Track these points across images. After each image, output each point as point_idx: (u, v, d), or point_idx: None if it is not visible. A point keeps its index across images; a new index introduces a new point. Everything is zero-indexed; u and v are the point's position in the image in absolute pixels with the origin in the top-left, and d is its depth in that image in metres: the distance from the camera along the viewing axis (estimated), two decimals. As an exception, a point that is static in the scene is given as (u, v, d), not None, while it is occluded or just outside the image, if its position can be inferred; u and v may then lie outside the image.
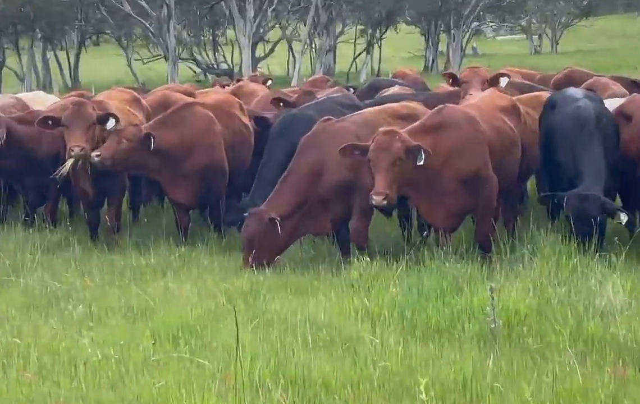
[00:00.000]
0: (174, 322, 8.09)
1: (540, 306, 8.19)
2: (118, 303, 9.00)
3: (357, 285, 9.12)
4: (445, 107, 10.44)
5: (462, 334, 7.74)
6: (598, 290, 8.48)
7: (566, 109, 11.24)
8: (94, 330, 8.02)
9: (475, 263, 9.52)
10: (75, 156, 11.38)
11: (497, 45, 70.94)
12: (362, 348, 7.37)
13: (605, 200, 10.22)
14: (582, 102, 11.22)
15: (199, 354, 7.28)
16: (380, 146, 9.65)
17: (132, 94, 13.93)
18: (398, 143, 9.64)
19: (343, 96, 13.17)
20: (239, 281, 9.64)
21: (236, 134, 12.57)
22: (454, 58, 53.24)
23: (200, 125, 12.00)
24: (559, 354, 7.25)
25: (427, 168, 9.74)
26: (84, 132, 11.45)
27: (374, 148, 9.68)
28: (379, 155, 9.64)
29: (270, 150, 11.57)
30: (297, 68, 43.38)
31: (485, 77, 12.74)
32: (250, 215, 10.38)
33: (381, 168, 9.60)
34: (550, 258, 9.33)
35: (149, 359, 7.24)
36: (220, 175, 12.08)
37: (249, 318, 8.17)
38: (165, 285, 9.64)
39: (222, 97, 13.72)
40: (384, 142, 9.67)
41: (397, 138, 9.68)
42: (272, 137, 11.77)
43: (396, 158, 9.60)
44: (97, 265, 10.68)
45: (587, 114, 10.90)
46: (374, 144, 9.70)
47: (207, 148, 11.93)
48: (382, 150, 9.63)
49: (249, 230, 10.32)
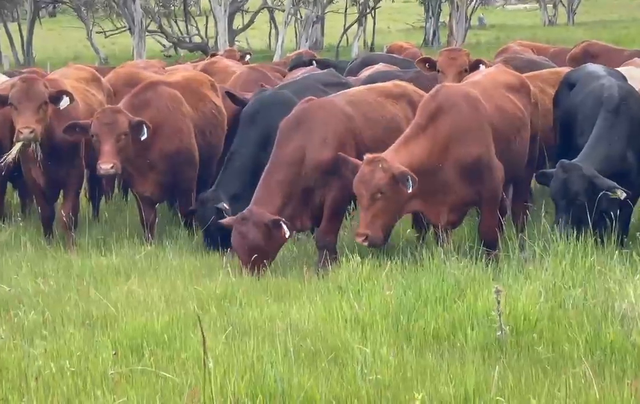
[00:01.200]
0: (138, 331, 8.08)
1: (553, 311, 8.22)
2: (75, 309, 8.98)
3: (346, 288, 9.12)
4: (442, 87, 10.46)
5: (464, 343, 7.76)
6: (618, 292, 8.50)
7: (585, 89, 11.27)
8: (48, 339, 8.02)
9: (479, 262, 9.54)
10: (25, 139, 11.33)
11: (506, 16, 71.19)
12: (351, 359, 7.37)
13: (595, 174, 10.22)
14: (606, 80, 11.24)
15: (165, 368, 7.27)
16: (362, 179, 9.77)
17: (91, 72, 13.91)
18: (380, 173, 9.71)
19: (326, 73, 13.16)
20: (212, 284, 9.65)
21: (207, 117, 12.56)
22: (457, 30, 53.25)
23: (166, 107, 11.96)
24: (573, 365, 7.27)
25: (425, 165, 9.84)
26: (34, 112, 11.42)
27: (357, 181, 9.77)
28: (361, 191, 9.76)
29: (241, 136, 11.55)
30: (280, 41, 43.40)
31: (463, 65, 12.71)
32: (244, 219, 10.27)
33: (363, 204, 9.79)
34: (563, 256, 9.35)
35: (109, 372, 7.22)
36: (189, 163, 12.06)
37: (222, 326, 8.18)
38: (128, 289, 9.64)
39: (191, 75, 13.68)
40: (366, 174, 9.77)
41: (380, 167, 9.74)
42: (243, 121, 11.70)
43: (378, 191, 9.70)
44: (52, 266, 10.68)
45: (609, 94, 10.92)
46: (358, 176, 9.79)
47: (174, 133, 11.91)
48: (364, 183, 9.75)
49: (250, 237, 10.21)
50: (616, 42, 22.60)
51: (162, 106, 11.95)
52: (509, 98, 10.91)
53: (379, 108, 10.96)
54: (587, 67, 12.25)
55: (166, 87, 12.34)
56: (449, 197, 10.10)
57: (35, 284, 9.88)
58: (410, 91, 11.40)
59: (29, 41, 50.02)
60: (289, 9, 46.03)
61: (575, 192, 10.16)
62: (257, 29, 54.86)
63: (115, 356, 7.58)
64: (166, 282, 9.93)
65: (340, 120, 10.55)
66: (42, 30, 55.12)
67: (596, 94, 11.08)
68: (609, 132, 10.65)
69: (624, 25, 56.02)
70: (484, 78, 11.22)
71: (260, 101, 11.82)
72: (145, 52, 41.62)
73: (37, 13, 53.26)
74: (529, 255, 9.75)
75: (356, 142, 10.58)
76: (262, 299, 9.15)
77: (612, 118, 10.72)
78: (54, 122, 11.66)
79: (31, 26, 50.62)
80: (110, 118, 11.30)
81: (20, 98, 11.47)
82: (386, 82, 11.95)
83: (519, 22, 66.01)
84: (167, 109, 11.99)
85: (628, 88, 11.29)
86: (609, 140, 10.62)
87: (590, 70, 11.99)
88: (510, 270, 9.46)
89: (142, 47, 41.46)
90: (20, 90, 11.52)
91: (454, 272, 9.07)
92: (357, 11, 52.64)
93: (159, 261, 10.78)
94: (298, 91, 11.77)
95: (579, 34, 43.89)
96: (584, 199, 10.08)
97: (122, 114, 11.36)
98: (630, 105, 10.97)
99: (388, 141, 10.53)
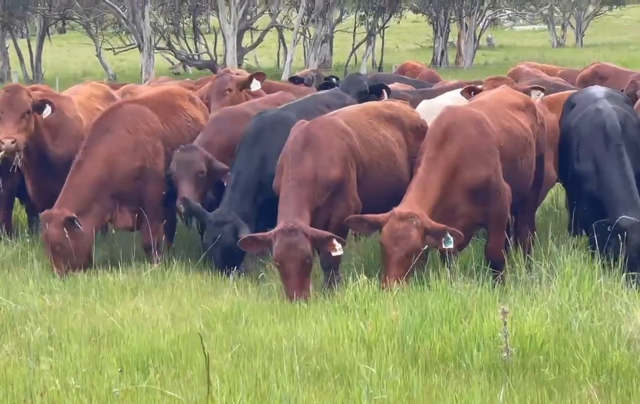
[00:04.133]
0: (144, 348, 8.10)
1: (559, 333, 8.21)
2: (81, 326, 8.99)
3: (352, 308, 9.12)
4: (447, 111, 10.48)
5: (470, 364, 7.75)
6: (624, 315, 8.50)
7: (584, 111, 11.30)
8: (54, 356, 8.04)
9: (485, 283, 9.52)
10: (7, 149, 11.29)
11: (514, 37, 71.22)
12: (357, 379, 7.38)
13: None
14: (602, 104, 11.26)
15: (170, 386, 7.28)
16: (396, 236, 9.75)
17: (105, 89, 13.87)
18: (415, 233, 9.72)
19: (331, 94, 13.13)
20: (217, 302, 9.65)
21: (181, 130, 12.39)
22: (466, 50, 53.40)
23: (125, 130, 11.74)
24: (579, 388, 7.28)
25: None
26: (16, 122, 11.40)
27: (389, 238, 9.75)
28: (393, 249, 9.76)
29: (244, 156, 11.51)
30: (288, 60, 43.44)
31: None
32: (292, 231, 9.99)
33: (393, 260, 9.76)
34: (570, 278, 9.35)
35: (114, 390, 7.22)
36: (154, 181, 11.82)
37: (228, 344, 8.18)
38: (135, 306, 9.64)
39: (167, 89, 13.44)
40: (399, 231, 9.75)
41: (414, 224, 9.74)
42: (245, 141, 11.66)
43: (415, 251, 9.73)
44: (58, 282, 10.67)
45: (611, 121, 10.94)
46: (388, 232, 9.77)
47: (134, 153, 11.72)
48: (398, 241, 9.74)
49: (301, 247, 9.96)
50: (625, 65, 22.57)
51: (120, 130, 11.71)
52: (515, 118, 10.92)
53: (371, 130, 10.95)
54: (588, 90, 12.28)
55: (130, 106, 12.09)
56: (458, 219, 10.10)
57: (42, 300, 9.89)
58: (402, 113, 11.38)
59: (38, 57, 50.12)
60: (298, 28, 46.13)
61: None
62: (265, 47, 54.99)
63: (120, 373, 7.60)
64: (172, 300, 9.93)
65: (342, 138, 10.56)
66: (52, 47, 55.32)
67: (593, 120, 11.11)
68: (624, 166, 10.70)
69: (633, 47, 56.04)
70: (489, 99, 11.23)
71: (263, 121, 11.77)
72: (154, 69, 41.69)
73: (46, 29, 53.42)
74: (536, 276, 9.74)
75: (356, 161, 10.58)
76: (268, 318, 9.14)
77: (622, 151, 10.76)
78: (49, 136, 11.66)
79: (40, 42, 50.74)
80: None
81: (3, 107, 11.43)
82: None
83: (527, 43, 66.07)
84: (127, 132, 11.73)
85: (626, 111, 11.33)
86: (628, 175, 10.66)
87: (589, 92, 12.02)
88: (516, 291, 9.48)
89: (150, 65, 41.54)
90: (3, 99, 11.47)
91: (460, 293, 9.06)
92: (366, 30, 52.70)
93: (165, 279, 10.77)
94: (300, 112, 11.75)
95: (587, 56, 43.91)
96: None
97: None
98: (629, 131, 11.02)
99: (381, 162, 10.56)
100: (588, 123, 11.16)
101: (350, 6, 53.98)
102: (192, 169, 11.55)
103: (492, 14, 61.78)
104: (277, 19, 48.77)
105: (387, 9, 52.06)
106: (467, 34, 54.00)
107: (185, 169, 11.53)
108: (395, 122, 11.18)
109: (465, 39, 53.98)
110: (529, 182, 11.12)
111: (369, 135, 10.86)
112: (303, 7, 45.67)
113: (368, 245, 11.85)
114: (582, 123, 11.22)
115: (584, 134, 11.11)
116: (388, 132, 11.05)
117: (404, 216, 9.76)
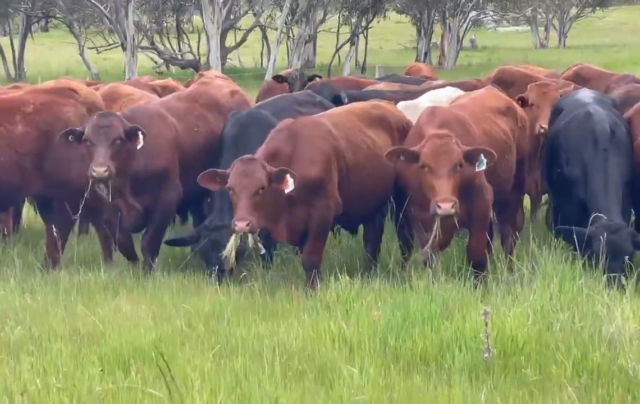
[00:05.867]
0: (126, 348, 8.06)
1: (541, 334, 8.23)
2: (62, 325, 8.95)
3: (334, 308, 9.12)
4: (433, 109, 10.50)
5: (452, 364, 7.75)
6: (605, 315, 8.52)
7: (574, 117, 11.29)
8: (35, 355, 7.99)
9: (467, 284, 9.54)
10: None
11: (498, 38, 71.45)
12: (338, 379, 7.37)
13: (635, 233, 10.37)
14: (593, 109, 11.25)
15: (152, 385, 7.25)
16: (439, 152, 9.75)
17: None
18: (456, 147, 9.78)
19: (304, 94, 13.11)
20: (200, 301, 9.63)
21: None
22: (449, 51, 53.55)
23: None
24: (560, 389, 7.29)
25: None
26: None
27: (434, 152, 9.76)
28: (441, 162, 9.73)
29: (228, 157, 11.42)
30: (271, 60, 43.49)
31: (556, 98, 12.59)
32: (248, 161, 9.91)
33: (442, 173, 9.71)
34: (552, 279, 9.35)
35: (96, 389, 7.20)
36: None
37: (210, 344, 8.16)
38: (116, 305, 9.61)
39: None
40: (443, 146, 9.77)
41: (453, 142, 9.80)
42: (227, 142, 11.59)
43: (459, 163, 9.75)
44: (40, 282, 10.62)
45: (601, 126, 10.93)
46: (430, 149, 9.77)
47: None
48: (446, 154, 9.74)
49: (256, 176, 9.79)
50: (607, 66, 22.64)
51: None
52: (496, 122, 10.96)
53: (358, 131, 10.92)
54: (576, 94, 12.27)
55: None
56: None
57: (23, 300, 9.84)
58: (389, 113, 11.37)
59: (21, 55, 50.03)
60: (282, 28, 46.14)
61: (630, 252, 10.20)
62: (249, 47, 54.94)
63: (102, 372, 7.57)
64: (154, 299, 9.91)
65: (327, 139, 10.53)
66: (34, 45, 55.12)
67: (584, 125, 11.10)
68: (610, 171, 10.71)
69: (616, 49, 56.27)
70: (471, 102, 11.25)
71: (239, 121, 11.69)
72: (137, 68, 41.63)
73: (29, 27, 53.28)
74: (517, 277, 9.75)
75: (340, 163, 10.54)
76: (250, 317, 9.13)
77: (607, 155, 10.77)
78: None
79: (23, 40, 50.64)
80: None
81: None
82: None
83: (510, 45, 66.26)
84: None
85: (615, 117, 11.33)
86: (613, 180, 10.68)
87: (577, 97, 12.01)
88: (498, 291, 9.47)
89: (133, 64, 41.50)
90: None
91: (442, 293, 9.06)
92: (350, 31, 52.76)
93: (147, 278, 10.76)
94: (275, 111, 11.73)
95: (570, 57, 44.03)
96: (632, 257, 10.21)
97: None
98: (619, 136, 11.02)
99: (368, 164, 10.56)
100: (577, 127, 11.14)
101: (333, 6, 54.04)
102: (110, 135, 10.87)
103: (475, 15, 61.93)
104: (260, 19, 48.83)
105: (371, 10, 52.15)
106: (450, 35, 54.17)
107: (101, 135, 10.86)
108: (382, 123, 11.16)
109: (448, 40, 54.14)
110: (509, 185, 11.16)
111: (356, 137, 10.82)
112: (287, 7, 45.70)
113: (352, 245, 11.87)
114: (571, 127, 11.19)
115: (573, 138, 11.08)
116: (375, 133, 11.03)
117: (441, 136, 9.84)
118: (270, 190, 9.85)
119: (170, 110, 11.81)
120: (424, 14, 55.50)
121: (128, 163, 10.94)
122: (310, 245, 10.42)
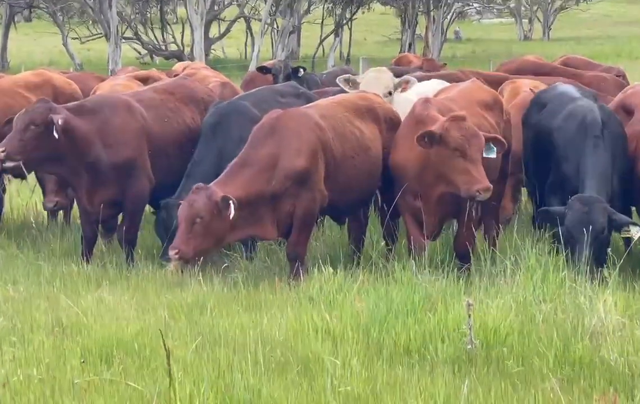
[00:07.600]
0: (108, 339, 8.04)
1: (523, 326, 8.25)
2: (45, 316, 8.91)
3: (317, 299, 9.13)
4: (427, 99, 10.53)
5: (435, 356, 7.77)
6: (588, 307, 8.54)
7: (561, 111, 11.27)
8: (16, 346, 7.97)
9: (450, 275, 9.55)
10: None
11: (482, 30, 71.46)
12: (321, 371, 7.38)
13: (612, 210, 10.25)
14: (583, 102, 11.24)
15: (134, 377, 7.24)
16: (467, 134, 9.87)
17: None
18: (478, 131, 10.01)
19: (287, 85, 13.12)
20: (183, 293, 9.62)
21: None
22: (433, 43, 53.48)
23: None
24: (542, 380, 7.31)
25: None
26: None
27: (460, 137, 9.85)
28: (473, 144, 9.85)
29: (202, 146, 11.42)
30: (255, 51, 43.36)
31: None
32: (197, 190, 9.97)
33: (477, 157, 9.90)
34: (535, 271, 9.39)
35: (77, 381, 7.18)
36: None
37: (193, 335, 8.15)
38: (99, 296, 9.59)
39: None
40: (469, 128, 9.91)
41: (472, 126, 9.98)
42: (204, 131, 11.58)
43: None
44: (22, 272, 10.59)
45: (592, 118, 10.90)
46: (458, 132, 9.90)
47: None
48: (474, 138, 9.86)
49: (195, 206, 9.88)
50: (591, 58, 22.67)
51: None
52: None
53: (346, 123, 10.88)
54: (558, 88, 12.26)
55: None
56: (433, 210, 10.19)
57: (5, 291, 9.81)
58: (377, 105, 11.34)
59: (4, 46, 49.76)
60: (266, 19, 46.06)
61: (601, 226, 10.09)
62: (233, 38, 54.83)
63: (83, 364, 7.55)
64: (137, 290, 9.89)
65: (314, 131, 10.51)
66: (18, 35, 54.88)
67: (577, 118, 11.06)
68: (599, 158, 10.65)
69: (599, 42, 56.40)
70: (458, 95, 11.26)
71: (220, 112, 11.69)
72: (121, 59, 41.49)
73: (12, 17, 53.02)
74: (500, 269, 9.77)
75: (327, 155, 10.52)
76: (233, 309, 9.12)
77: (599, 143, 10.73)
78: None
79: (6, 31, 50.36)
80: None
81: None
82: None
83: (495, 37, 66.27)
84: None
85: (607, 110, 11.32)
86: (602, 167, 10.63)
87: (562, 90, 12.01)
88: (481, 283, 9.50)
89: (117, 54, 41.33)
90: None
91: (425, 285, 9.08)
92: (334, 22, 52.69)
93: (130, 269, 10.73)
94: (256, 102, 11.71)
95: (555, 49, 44.12)
96: (607, 234, 10.11)
97: None
98: (612, 127, 11.00)
99: (355, 155, 10.55)
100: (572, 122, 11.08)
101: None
102: (25, 120, 10.78)
103: (459, 6, 61.92)
104: (244, 10, 48.70)
105: (355, 1, 52.10)
106: (434, 27, 54.10)
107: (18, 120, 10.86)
108: (370, 114, 11.12)
109: (432, 32, 54.07)
110: (494, 177, 11.13)
111: (344, 128, 10.79)
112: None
113: (336, 236, 11.87)
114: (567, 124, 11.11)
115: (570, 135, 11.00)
116: (363, 124, 10.99)
117: (463, 117, 10.04)
118: (219, 216, 9.85)
119: (141, 101, 11.75)
120: (408, 5, 55.36)
121: (55, 149, 10.84)
122: (295, 237, 10.41)
